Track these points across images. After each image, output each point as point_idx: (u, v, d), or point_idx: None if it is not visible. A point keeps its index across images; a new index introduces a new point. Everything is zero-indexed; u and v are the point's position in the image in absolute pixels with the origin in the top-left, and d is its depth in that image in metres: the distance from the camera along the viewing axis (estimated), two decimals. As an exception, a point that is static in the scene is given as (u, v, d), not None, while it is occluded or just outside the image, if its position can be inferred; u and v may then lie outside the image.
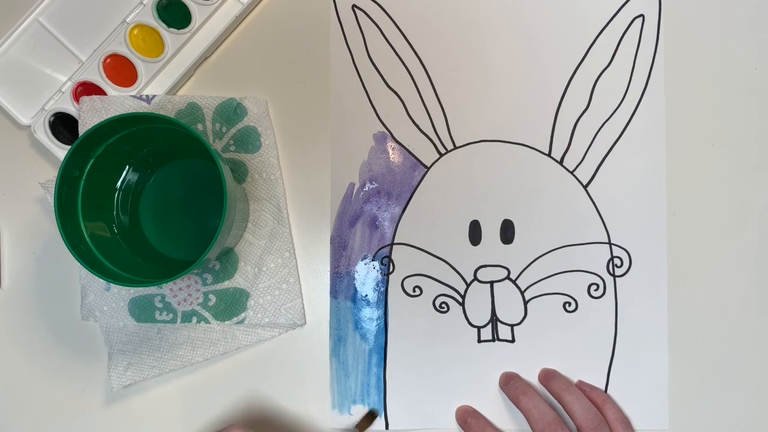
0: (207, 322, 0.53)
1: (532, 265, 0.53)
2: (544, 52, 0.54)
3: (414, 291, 0.54)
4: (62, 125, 0.53)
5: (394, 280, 0.54)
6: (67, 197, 0.47)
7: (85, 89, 0.53)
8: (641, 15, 0.54)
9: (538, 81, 0.54)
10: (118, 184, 0.52)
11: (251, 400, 0.54)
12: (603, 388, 0.53)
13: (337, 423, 0.53)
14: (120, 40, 0.53)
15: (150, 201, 0.53)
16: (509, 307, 0.54)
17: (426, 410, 0.53)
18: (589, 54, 0.54)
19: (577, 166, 0.54)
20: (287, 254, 0.54)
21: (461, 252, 0.54)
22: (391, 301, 0.54)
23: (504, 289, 0.54)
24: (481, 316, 0.54)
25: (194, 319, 0.53)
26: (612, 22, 0.54)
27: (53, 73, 0.53)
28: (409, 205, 0.54)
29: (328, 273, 0.54)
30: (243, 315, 0.53)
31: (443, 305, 0.54)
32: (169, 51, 0.53)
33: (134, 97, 0.53)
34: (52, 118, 0.53)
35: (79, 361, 0.54)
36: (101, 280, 0.53)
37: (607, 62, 0.54)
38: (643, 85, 0.54)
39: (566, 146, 0.54)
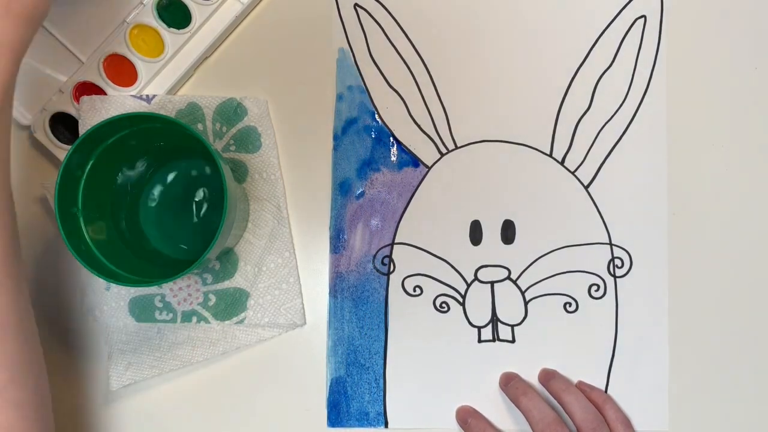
0: (207, 321, 0.53)
1: (532, 265, 0.53)
2: (546, 53, 0.54)
3: (414, 291, 0.54)
4: (62, 125, 0.53)
5: (395, 279, 0.54)
6: (68, 197, 0.47)
7: (85, 89, 0.53)
8: (643, 16, 0.53)
9: (539, 81, 0.54)
10: (119, 183, 0.52)
11: (251, 399, 0.54)
12: (603, 389, 0.53)
13: (336, 422, 0.53)
14: (120, 40, 0.53)
15: (150, 200, 0.53)
16: (510, 307, 0.53)
17: (426, 410, 0.53)
18: (590, 54, 0.53)
19: (579, 167, 0.54)
20: (287, 254, 0.54)
21: (462, 252, 0.54)
22: (392, 301, 0.54)
23: (504, 290, 0.53)
24: (482, 316, 0.54)
25: (194, 319, 0.53)
26: (614, 22, 0.53)
27: (53, 73, 0.53)
28: (410, 204, 0.54)
29: (328, 273, 0.54)
30: (243, 315, 0.53)
31: (444, 305, 0.54)
32: (169, 51, 0.53)
33: (134, 96, 0.53)
34: (52, 118, 0.53)
35: (79, 361, 0.54)
36: (101, 280, 0.53)
37: (609, 63, 0.53)
38: (645, 86, 0.53)
39: (567, 147, 0.54)
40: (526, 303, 0.53)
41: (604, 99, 0.53)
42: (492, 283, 0.54)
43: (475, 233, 0.54)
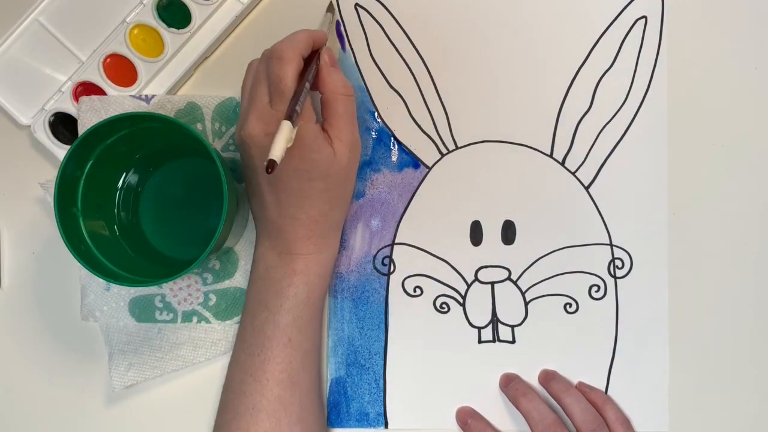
0: (207, 321, 0.53)
1: (533, 266, 0.53)
2: (546, 53, 0.54)
3: (415, 291, 0.54)
4: (62, 125, 0.53)
5: (395, 280, 0.54)
6: (67, 197, 0.47)
7: (85, 89, 0.53)
8: (644, 16, 0.53)
9: (540, 82, 0.54)
10: (119, 183, 0.52)
11: (251, 400, 0.54)
12: (603, 389, 0.53)
13: (336, 423, 0.53)
14: (120, 40, 0.53)
15: (150, 200, 0.53)
16: (510, 307, 0.53)
17: (426, 410, 0.53)
18: (591, 55, 0.53)
19: (579, 167, 0.54)
20: (287, 254, 0.53)
21: (462, 252, 0.54)
22: (392, 301, 0.54)
23: (505, 290, 0.53)
24: (482, 317, 0.53)
25: (194, 319, 0.53)
26: (615, 23, 0.53)
27: (53, 73, 0.53)
28: (411, 205, 0.54)
29: (329, 273, 0.54)
30: (243, 315, 0.53)
31: (444, 305, 0.54)
32: (169, 51, 0.53)
33: (133, 96, 0.53)
34: (52, 118, 0.53)
35: (79, 361, 0.54)
36: (101, 280, 0.53)
37: (610, 63, 0.53)
38: (646, 87, 0.53)
39: (568, 147, 0.53)
40: (526, 303, 0.53)
41: (605, 99, 0.53)
42: (492, 283, 0.53)
43: (476, 234, 0.54)
